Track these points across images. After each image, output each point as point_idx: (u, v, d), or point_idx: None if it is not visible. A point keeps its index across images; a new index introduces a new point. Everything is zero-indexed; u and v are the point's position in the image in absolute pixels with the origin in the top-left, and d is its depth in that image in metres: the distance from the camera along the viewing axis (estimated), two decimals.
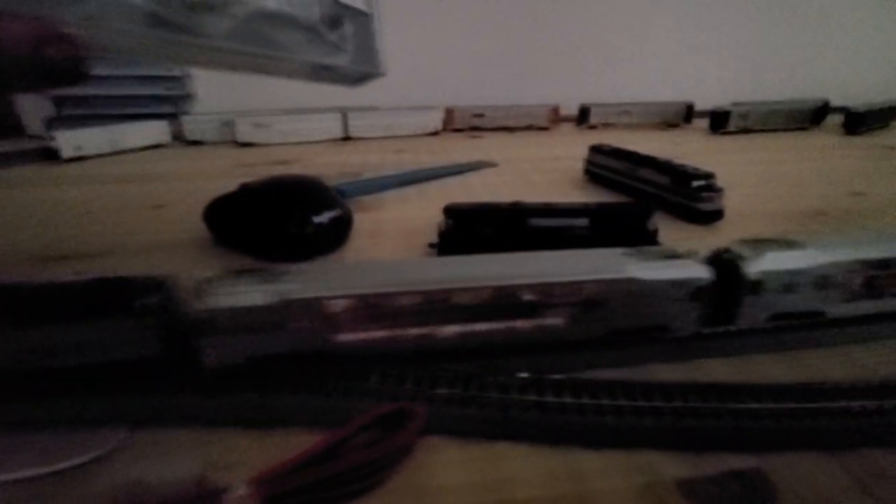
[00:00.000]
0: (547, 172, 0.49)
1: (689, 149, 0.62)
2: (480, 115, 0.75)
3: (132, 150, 0.62)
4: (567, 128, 0.80)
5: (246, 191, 0.30)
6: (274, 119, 0.65)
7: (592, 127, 0.79)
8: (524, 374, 0.16)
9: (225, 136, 0.68)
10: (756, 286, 0.18)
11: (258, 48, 0.23)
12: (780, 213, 0.37)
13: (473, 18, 0.84)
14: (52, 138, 0.55)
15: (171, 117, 0.73)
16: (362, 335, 0.16)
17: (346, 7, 0.27)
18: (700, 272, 0.17)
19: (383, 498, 0.13)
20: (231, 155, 0.60)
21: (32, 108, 0.76)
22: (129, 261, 0.29)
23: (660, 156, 0.39)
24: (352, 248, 0.30)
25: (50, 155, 0.55)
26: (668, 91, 0.90)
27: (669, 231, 0.31)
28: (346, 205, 0.30)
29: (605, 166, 0.43)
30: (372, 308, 0.16)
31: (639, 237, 0.27)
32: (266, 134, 0.65)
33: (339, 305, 0.16)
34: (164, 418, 0.16)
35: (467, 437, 0.15)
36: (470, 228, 0.27)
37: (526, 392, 0.16)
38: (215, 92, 0.82)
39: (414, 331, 0.16)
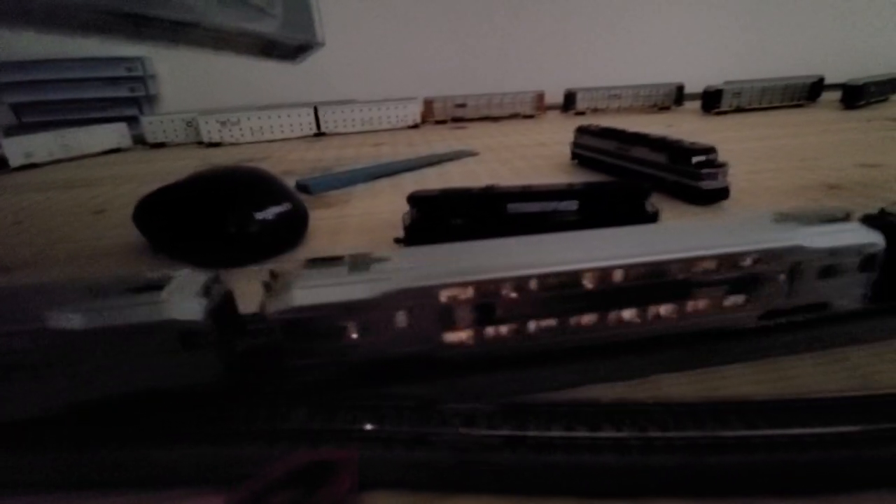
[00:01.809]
0: (531, 158, 0.46)
1: (682, 129, 0.59)
2: (462, 105, 0.72)
3: (90, 156, 0.58)
4: (554, 115, 0.76)
5: (177, 186, 0.26)
6: (241, 116, 0.61)
7: (580, 113, 0.75)
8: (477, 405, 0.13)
9: (190, 136, 0.64)
10: None
11: (151, 8, 0.19)
12: (790, 188, 0.33)
13: (451, 6, 0.81)
14: None
15: (136, 120, 0.69)
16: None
17: None
18: (871, 237, 0.14)
19: None
20: (196, 155, 0.56)
21: None
22: (53, 270, 0.25)
23: (653, 133, 0.36)
24: (308, 248, 0.26)
25: None
26: (657, 74, 0.86)
27: (670, 214, 0.28)
28: (299, 199, 0.27)
29: (593, 148, 0.40)
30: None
31: (637, 220, 0.23)
32: (234, 132, 0.61)
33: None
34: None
35: (414, 489, 0.11)
36: (438, 218, 0.24)
37: (493, 424, 0.12)
38: (181, 92, 0.78)
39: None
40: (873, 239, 0.14)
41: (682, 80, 0.77)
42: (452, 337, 0.13)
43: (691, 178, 0.30)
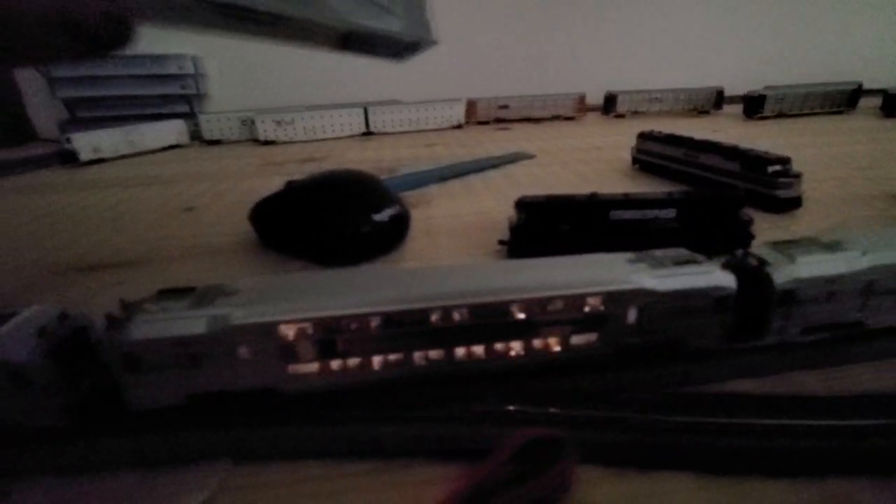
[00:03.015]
0: (590, 162, 0.47)
1: (728, 134, 0.60)
2: (505, 107, 0.73)
3: (150, 152, 0.60)
4: (593, 117, 0.77)
5: (296, 188, 0.28)
6: (295, 116, 0.63)
7: (620, 115, 0.76)
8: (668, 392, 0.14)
9: (244, 134, 0.66)
10: (787, 296, 0.15)
11: (302, 9, 0.21)
12: (858, 197, 0.34)
13: (494, 9, 0.82)
14: (69, 141, 0.53)
15: (188, 117, 0.71)
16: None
17: None
18: (722, 280, 0.15)
19: None
20: (256, 153, 0.58)
21: (45, 111, 0.74)
22: (171, 268, 0.27)
23: (723, 141, 0.37)
24: (410, 248, 0.28)
25: (68, 158, 0.53)
26: (694, 77, 0.87)
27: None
28: (405, 202, 0.28)
29: (658, 154, 0.41)
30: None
31: (732, 228, 0.25)
32: (288, 131, 0.63)
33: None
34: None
35: (615, 466, 0.13)
36: (545, 223, 0.25)
37: (669, 412, 0.13)
38: (229, 90, 0.79)
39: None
40: (725, 282, 0.15)
41: (720, 84, 0.78)
42: (297, 370, 0.13)
43: (767, 186, 0.31)
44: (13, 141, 0.71)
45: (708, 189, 0.33)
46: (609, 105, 0.77)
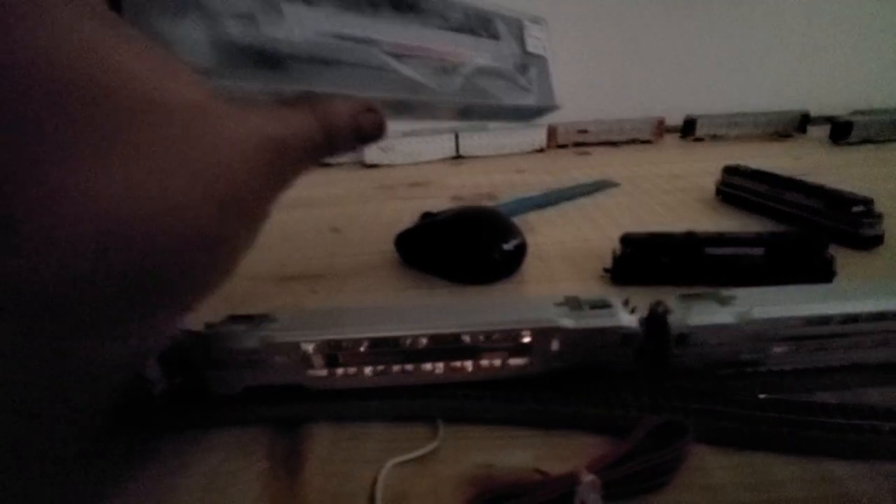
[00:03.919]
0: (674, 192, 0.51)
1: (810, 162, 0.61)
2: (584, 132, 0.78)
3: None
4: (671, 140, 0.80)
5: (436, 221, 0.35)
6: (396, 142, 0.71)
7: (699, 139, 0.79)
8: (762, 395, 0.19)
9: (350, 157, 0.76)
10: (682, 338, 0.20)
11: (478, 98, 0.28)
12: None
13: (573, 37, 0.87)
14: None
15: None
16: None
17: (532, 55, 0.31)
18: (626, 321, 0.20)
19: (676, 491, 0.17)
20: (366, 177, 0.67)
21: None
22: (344, 281, 0.35)
23: (807, 178, 0.40)
24: (529, 271, 0.34)
25: None
26: (776, 98, 0.87)
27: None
28: (523, 233, 0.34)
29: (742, 187, 0.44)
30: None
31: (816, 266, 0.29)
32: (389, 156, 0.71)
33: None
34: (472, 419, 0.20)
35: (722, 445, 0.18)
36: (646, 256, 0.31)
37: (768, 409, 0.19)
38: None
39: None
40: (628, 323, 0.20)
41: (805, 107, 0.78)
42: (314, 374, 0.21)
43: (851, 225, 0.35)
44: None
45: (794, 230, 0.37)
46: (688, 129, 0.79)
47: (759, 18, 0.86)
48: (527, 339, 0.20)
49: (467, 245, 0.33)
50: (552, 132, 0.77)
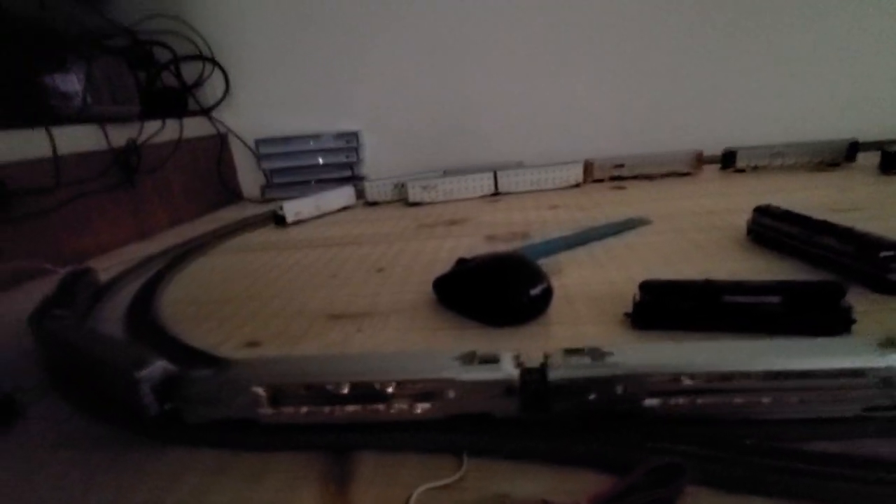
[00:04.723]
0: (706, 230, 0.52)
1: (858, 196, 0.60)
2: (620, 166, 0.80)
3: (331, 213, 0.77)
4: (710, 171, 0.80)
5: (469, 267, 0.38)
6: (438, 181, 0.76)
7: (740, 170, 0.78)
8: (748, 441, 0.21)
9: (395, 196, 0.81)
10: (559, 387, 0.22)
11: None
12: None
13: (609, 69, 0.89)
14: (281, 208, 0.71)
15: (350, 180, 0.90)
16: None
17: None
18: (509, 374, 0.22)
19: None
20: (408, 215, 0.72)
21: (250, 178, 0.97)
22: (387, 319, 0.39)
23: (839, 222, 0.40)
24: (554, 314, 0.37)
25: (279, 220, 0.71)
26: (821, 126, 0.85)
27: (856, 301, 0.33)
28: (549, 277, 0.37)
29: (773, 228, 0.45)
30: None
31: (833, 315, 0.30)
32: (431, 194, 0.76)
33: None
34: (495, 452, 0.23)
35: (715, 487, 0.20)
36: (665, 303, 0.32)
37: (762, 455, 0.20)
38: (375, 158, 0.97)
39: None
40: (510, 375, 0.22)
41: (853, 135, 0.76)
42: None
43: (879, 269, 0.35)
44: (229, 201, 0.94)
45: (810, 281, 0.37)
46: (728, 160, 0.79)
47: (801, 43, 0.86)
48: (428, 389, 0.24)
49: (497, 290, 0.36)
50: (588, 167, 0.80)
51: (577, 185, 0.79)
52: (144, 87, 0.78)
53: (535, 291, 0.35)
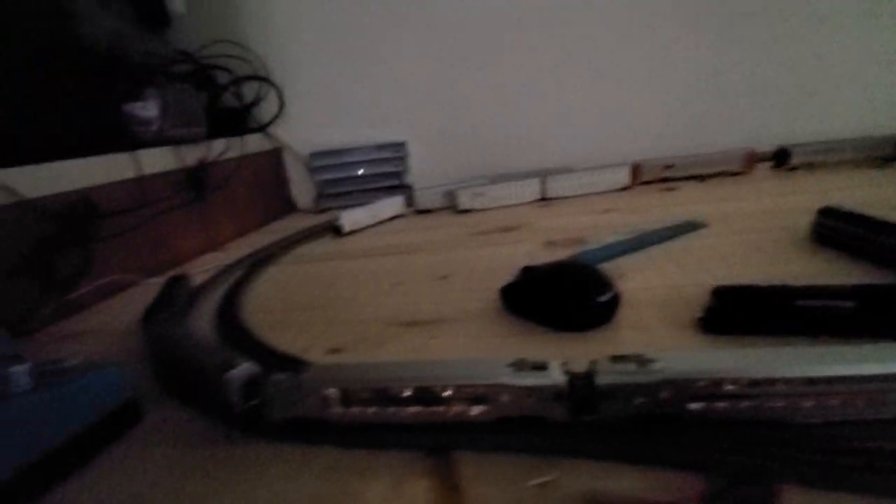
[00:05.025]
0: (765, 232, 0.52)
1: None
2: (670, 166, 0.79)
3: (384, 221, 0.81)
4: (763, 170, 0.79)
5: (537, 276, 0.40)
6: (487, 188, 0.78)
7: (793, 168, 0.77)
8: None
9: (444, 203, 0.84)
10: (606, 392, 0.24)
11: None
12: None
13: (654, 69, 0.89)
14: (338, 219, 0.75)
15: (398, 189, 0.93)
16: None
17: None
18: (557, 380, 0.24)
19: None
20: (460, 222, 0.74)
21: (303, 189, 1.02)
22: (461, 328, 0.41)
23: None
24: (621, 319, 0.38)
25: (336, 230, 0.75)
26: (877, 119, 0.82)
27: None
28: (616, 284, 0.39)
29: (838, 230, 0.45)
30: None
31: None
32: (481, 201, 0.78)
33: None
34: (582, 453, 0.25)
35: (806, 485, 0.21)
36: (738, 309, 0.33)
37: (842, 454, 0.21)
38: (420, 167, 1.00)
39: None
40: (558, 381, 0.24)
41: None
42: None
43: None
44: (284, 212, 0.99)
45: (886, 284, 0.37)
46: (781, 158, 0.77)
47: (850, 34, 0.83)
48: (482, 392, 0.26)
49: (566, 297, 0.38)
50: (636, 169, 0.80)
51: (626, 188, 0.79)
52: (207, 108, 0.84)
53: (603, 298, 0.37)
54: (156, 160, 0.67)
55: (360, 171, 0.96)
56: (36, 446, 0.27)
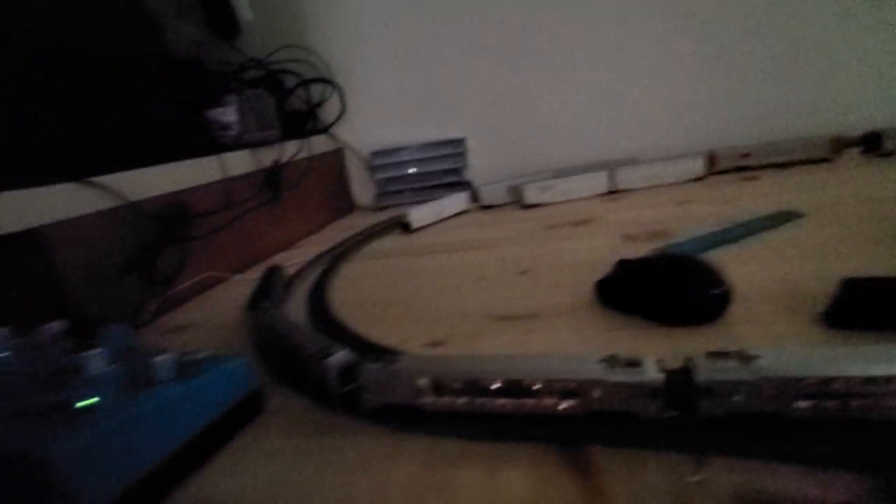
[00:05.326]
0: (872, 221, 0.48)
1: None
2: (747, 155, 0.76)
3: (448, 218, 0.81)
4: (851, 156, 0.74)
5: (639, 268, 0.39)
6: (554, 182, 0.77)
7: (886, 154, 0.71)
8: None
9: (508, 198, 0.83)
10: (706, 389, 0.23)
11: None
12: None
13: (727, 52, 0.85)
14: (406, 216, 0.76)
15: (456, 185, 0.93)
16: None
17: None
18: (653, 378, 0.24)
19: None
20: (528, 217, 0.74)
21: (364, 187, 1.04)
22: (557, 321, 0.40)
23: None
24: (731, 314, 0.36)
25: (405, 227, 0.76)
26: None
27: None
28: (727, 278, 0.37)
29: None
30: None
31: None
32: (548, 195, 0.77)
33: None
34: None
35: None
36: (870, 302, 0.31)
37: None
38: (480, 161, 0.99)
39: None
40: (654, 378, 0.24)
41: None
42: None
43: None
44: (347, 210, 1.02)
45: None
46: (872, 143, 0.72)
47: None
48: (574, 387, 0.25)
49: (678, 291, 0.36)
50: (711, 158, 0.77)
51: (700, 179, 0.76)
52: (277, 111, 0.86)
53: (716, 291, 0.35)
54: (237, 163, 0.70)
55: (426, 168, 0.97)
56: (180, 433, 0.28)
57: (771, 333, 0.33)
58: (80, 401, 0.27)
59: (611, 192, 0.78)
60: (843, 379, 0.22)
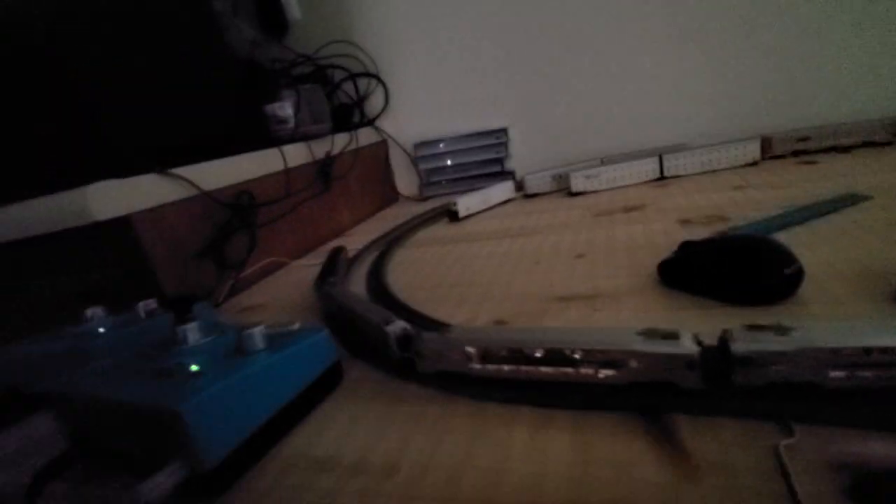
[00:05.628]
0: None
1: None
2: (805, 139, 0.73)
3: (496, 206, 0.82)
4: None
5: (708, 249, 0.39)
6: (601, 170, 0.77)
7: None
8: None
9: (553, 187, 0.83)
10: (743, 360, 0.23)
11: None
12: None
13: (783, 32, 0.83)
14: (455, 204, 0.77)
15: (499, 174, 0.94)
16: None
17: None
18: (688, 349, 0.24)
19: None
20: (576, 204, 0.74)
21: (407, 178, 1.06)
22: (621, 301, 0.41)
23: None
24: (803, 294, 0.36)
25: (453, 216, 0.78)
26: None
27: None
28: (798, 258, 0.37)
29: None
30: None
31: None
32: (594, 182, 0.77)
33: None
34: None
35: None
36: None
37: None
38: (522, 150, 1.00)
39: None
40: (689, 350, 0.24)
41: None
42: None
43: None
44: (391, 200, 1.04)
45: None
46: None
47: None
48: (613, 357, 0.26)
49: (751, 270, 0.36)
50: (766, 143, 0.75)
51: (754, 164, 0.75)
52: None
53: (788, 270, 0.35)
54: (295, 154, 0.73)
55: (469, 158, 0.98)
56: (280, 396, 0.31)
57: (842, 312, 0.33)
58: (192, 366, 0.29)
59: (658, 179, 0.77)
60: (880, 349, 0.22)
